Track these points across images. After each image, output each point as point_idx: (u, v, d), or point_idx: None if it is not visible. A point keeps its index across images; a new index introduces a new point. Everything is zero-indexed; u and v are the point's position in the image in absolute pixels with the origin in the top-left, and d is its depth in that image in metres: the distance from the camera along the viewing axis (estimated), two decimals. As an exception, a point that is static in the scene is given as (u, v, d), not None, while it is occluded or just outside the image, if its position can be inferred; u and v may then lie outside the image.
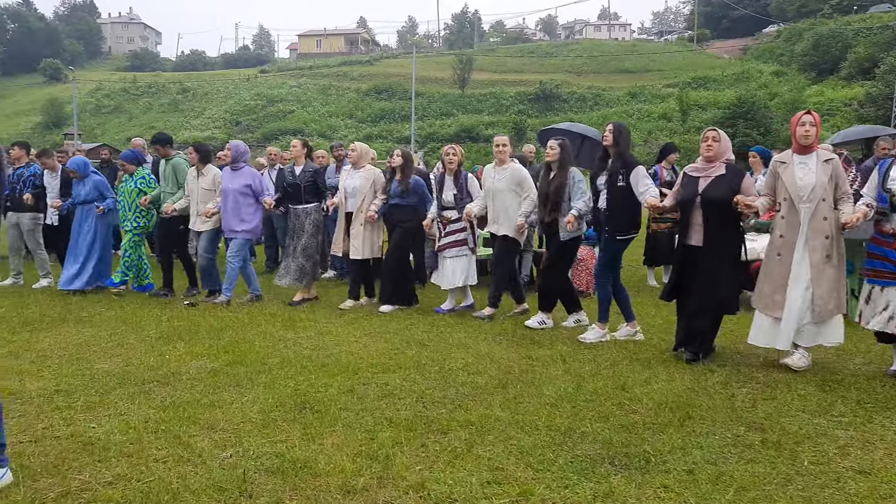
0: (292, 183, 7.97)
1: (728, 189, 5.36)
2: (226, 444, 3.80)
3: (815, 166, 5.16)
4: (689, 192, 5.53)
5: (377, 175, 7.84)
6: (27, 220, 9.14)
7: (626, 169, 6.01)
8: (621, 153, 6.09)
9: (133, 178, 8.52)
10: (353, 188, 7.75)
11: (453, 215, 7.47)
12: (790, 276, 5.18)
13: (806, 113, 5.27)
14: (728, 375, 5.07)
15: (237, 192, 7.80)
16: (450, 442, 3.84)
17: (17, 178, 9.17)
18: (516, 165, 7.24)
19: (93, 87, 67.71)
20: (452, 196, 7.48)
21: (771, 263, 5.36)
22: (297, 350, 5.80)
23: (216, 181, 8.03)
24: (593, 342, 6.10)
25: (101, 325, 6.78)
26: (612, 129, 6.16)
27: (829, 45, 52.05)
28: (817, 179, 5.11)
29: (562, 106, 54.47)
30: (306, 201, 7.95)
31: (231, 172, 7.93)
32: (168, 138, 8.67)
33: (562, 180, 6.62)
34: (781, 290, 5.23)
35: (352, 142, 8.86)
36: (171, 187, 8.34)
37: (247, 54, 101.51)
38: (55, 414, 4.29)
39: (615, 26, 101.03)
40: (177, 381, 4.96)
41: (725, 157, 5.55)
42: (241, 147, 8.14)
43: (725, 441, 3.86)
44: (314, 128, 53.45)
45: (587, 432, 3.97)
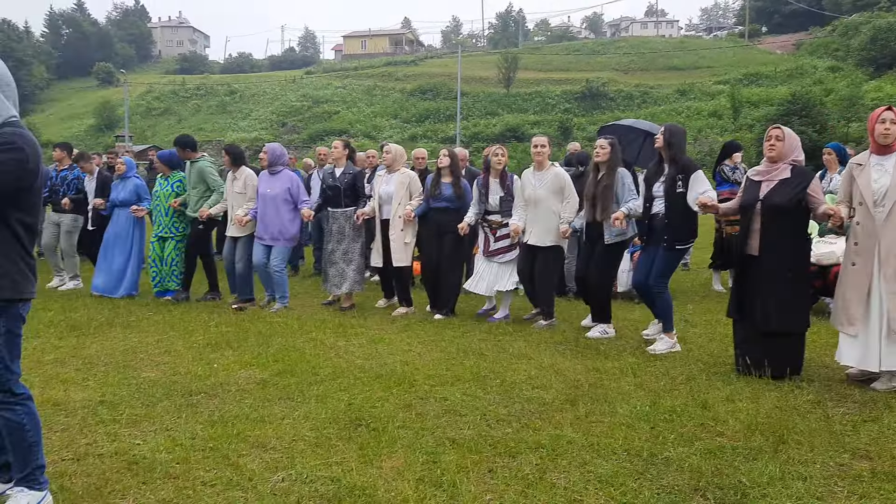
0: (332, 185, 7.70)
1: (791, 194, 4.92)
2: (277, 466, 3.52)
3: (892, 168, 4.70)
4: (750, 197, 5.11)
5: (413, 178, 7.48)
6: (68, 221, 9.09)
7: (684, 174, 5.66)
8: (676, 157, 5.74)
9: (169, 181, 8.32)
10: (388, 194, 7.39)
11: (501, 219, 7.13)
12: (868, 288, 4.73)
13: (887, 109, 4.77)
14: (819, 393, 4.62)
15: (277, 197, 7.54)
16: (519, 467, 3.50)
17: (61, 180, 9.14)
18: (557, 169, 6.88)
19: (143, 89, 69.03)
20: (499, 199, 7.10)
21: (847, 274, 4.89)
22: (350, 359, 5.52)
23: (248, 184, 7.78)
24: (664, 353, 5.72)
25: (149, 330, 6.61)
26: (663, 131, 5.85)
27: (889, 39, 50.11)
28: (892, 181, 4.66)
29: (609, 104, 53.60)
30: (346, 205, 7.66)
31: (269, 177, 7.66)
32: (191, 140, 8.34)
33: (610, 181, 6.33)
34: (860, 303, 4.76)
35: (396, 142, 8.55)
36: (200, 191, 8.09)
37: (292, 56, 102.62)
38: (99, 428, 4.07)
39: (662, 23, 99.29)
40: (225, 392, 4.72)
41: (792, 158, 5.08)
42: (277, 150, 7.81)
43: (829, 471, 3.44)
44: (359, 128, 53.54)
45: (671, 458, 3.58)
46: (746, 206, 5.16)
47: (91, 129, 61.43)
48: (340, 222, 7.68)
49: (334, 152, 7.79)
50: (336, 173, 7.73)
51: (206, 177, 8.05)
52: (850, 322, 4.79)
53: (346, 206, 7.66)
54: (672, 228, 5.74)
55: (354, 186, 7.67)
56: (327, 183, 7.75)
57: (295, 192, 7.63)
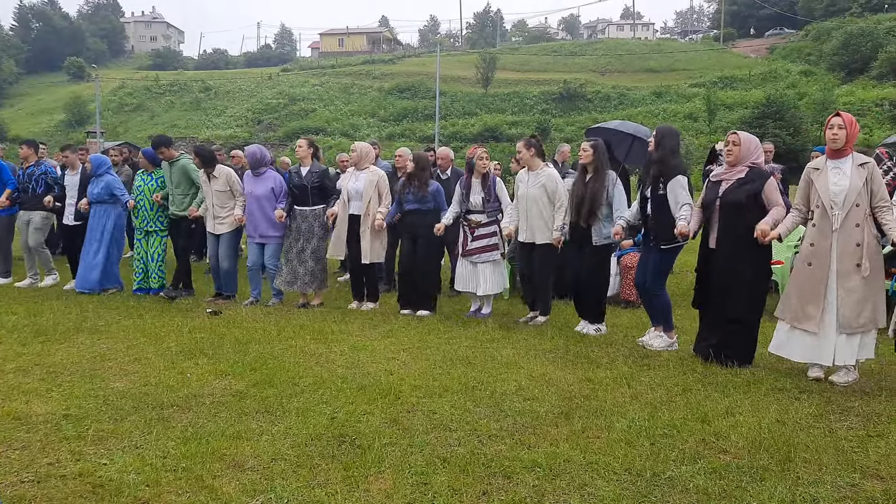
0: (299, 184, 7.63)
1: (745, 193, 5.24)
2: (255, 489, 3.27)
3: (849, 171, 4.88)
4: (710, 196, 5.44)
5: (381, 176, 7.49)
6: (38, 219, 8.87)
7: (665, 177, 5.73)
8: (663, 159, 5.78)
9: (153, 176, 8.23)
10: (357, 191, 7.40)
11: (482, 219, 7.14)
12: (824, 288, 4.91)
13: (835, 115, 4.95)
14: (820, 406, 4.46)
15: (262, 197, 7.62)
16: (515, 489, 3.29)
17: (28, 177, 8.88)
18: (551, 170, 6.88)
19: (116, 85, 67.86)
20: (480, 199, 7.12)
21: (801, 274, 5.07)
22: (331, 368, 5.27)
23: (231, 181, 7.73)
24: (662, 349, 5.79)
25: (118, 336, 6.30)
26: (656, 133, 5.94)
27: (860, 44, 50.78)
28: (851, 184, 4.84)
29: (586, 105, 53.67)
30: (313, 203, 7.61)
31: (253, 178, 7.68)
32: (168, 140, 8.24)
33: (599, 185, 6.30)
34: (814, 302, 4.96)
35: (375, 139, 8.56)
36: (185, 189, 7.98)
37: (269, 53, 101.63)
38: (63, 445, 3.79)
39: (638, 26, 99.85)
40: (199, 405, 4.44)
41: (750, 161, 5.36)
42: (256, 153, 7.78)
43: (841, 492, 3.27)
44: (336, 126, 53.07)
45: (675, 478, 3.39)
46: (707, 204, 5.46)
47: (61, 124, 60.24)
48: (309, 221, 7.64)
49: (299, 151, 7.74)
50: (302, 172, 7.67)
51: (190, 174, 7.94)
52: (807, 319, 4.98)
53: (313, 205, 7.62)
54: (658, 229, 5.80)
55: (322, 185, 7.63)
56: (294, 182, 7.69)
57: (279, 192, 7.67)
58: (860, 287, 4.83)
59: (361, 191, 7.35)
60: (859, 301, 4.83)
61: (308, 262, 7.60)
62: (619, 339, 6.34)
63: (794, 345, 5.09)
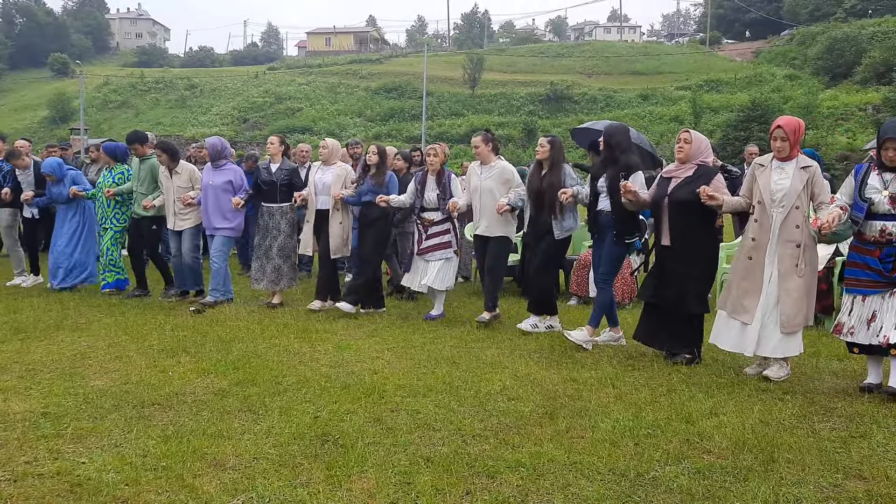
0: (267, 181, 7.62)
1: (693, 190, 5.30)
2: (237, 488, 3.24)
3: (792, 172, 5.01)
4: (660, 193, 5.56)
5: (349, 171, 7.56)
6: (6, 216, 8.81)
7: (627, 172, 5.82)
8: (620, 157, 5.92)
9: (112, 172, 8.14)
10: (325, 185, 7.40)
11: (436, 217, 7.11)
12: (761, 281, 5.05)
13: (776, 127, 5.06)
14: (803, 406, 4.47)
15: (218, 188, 7.54)
16: (499, 489, 3.27)
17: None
18: (504, 163, 6.92)
19: (100, 82, 67.30)
20: (435, 196, 7.08)
21: (740, 267, 5.22)
22: (315, 367, 5.23)
23: (193, 177, 7.74)
24: (580, 342, 5.87)
25: (99, 333, 6.23)
26: (605, 134, 6.11)
27: (844, 49, 51.22)
28: (791, 185, 4.97)
29: (573, 107, 53.78)
30: (281, 200, 7.60)
31: (213, 170, 7.65)
32: (144, 136, 8.18)
33: (555, 178, 6.43)
34: (751, 295, 5.10)
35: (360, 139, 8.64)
36: (148, 188, 7.91)
37: (255, 51, 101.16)
38: (41, 444, 3.74)
39: (625, 28, 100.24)
40: (180, 403, 4.40)
41: (700, 159, 5.50)
42: (217, 145, 7.74)
43: (824, 492, 3.27)
44: (323, 126, 52.86)
45: (659, 478, 3.38)
46: (656, 201, 5.58)
47: (45, 120, 59.68)
48: (276, 218, 7.61)
49: (270, 148, 7.75)
50: (272, 169, 7.65)
51: (155, 174, 7.87)
52: (744, 311, 5.10)
53: (281, 202, 7.61)
54: (619, 223, 5.92)
55: (291, 182, 7.61)
56: (263, 178, 7.67)
57: (238, 185, 7.64)
58: (799, 288, 4.96)
59: (329, 184, 7.36)
60: (797, 300, 4.96)
61: (274, 259, 7.57)
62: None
63: (728, 334, 5.23)
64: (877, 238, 4.71)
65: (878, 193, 4.67)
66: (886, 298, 4.67)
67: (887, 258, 4.65)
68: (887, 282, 4.64)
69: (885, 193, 4.65)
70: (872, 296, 4.71)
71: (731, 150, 33.92)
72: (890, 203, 4.64)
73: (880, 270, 4.65)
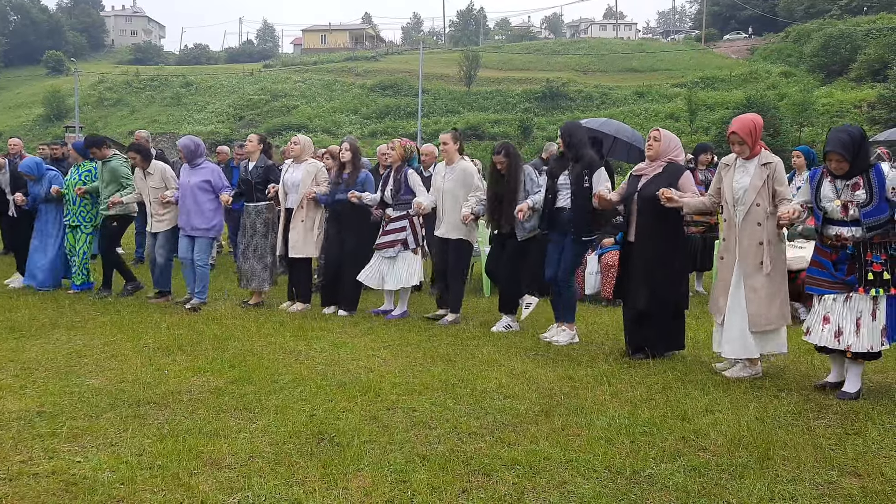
0: (244, 179, 7.62)
1: (665, 186, 5.34)
2: (233, 487, 3.23)
3: (753, 170, 5.07)
4: (630, 190, 5.64)
5: (319, 169, 7.46)
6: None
7: (589, 170, 5.93)
8: (579, 154, 6.00)
9: (78, 170, 8.16)
10: (295, 183, 7.32)
11: (392, 213, 7.08)
12: (732, 281, 5.12)
13: (731, 132, 5.12)
14: (798, 403, 4.48)
15: (196, 187, 7.47)
16: (495, 487, 3.27)
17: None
18: (466, 164, 6.91)
19: (95, 79, 67.06)
20: (390, 192, 7.08)
21: (717, 267, 5.44)
22: (311, 365, 5.23)
23: (166, 176, 7.76)
24: (565, 344, 5.96)
25: (95, 332, 6.22)
26: (561, 134, 6.16)
27: (839, 47, 51.35)
28: (751, 182, 5.03)
29: (568, 105, 53.79)
30: (257, 199, 7.55)
31: (189, 170, 7.59)
32: (100, 139, 8.20)
33: (514, 183, 6.46)
34: (724, 294, 5.17)
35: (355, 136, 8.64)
36: (113, 189, 7.92)
37: (250, 49, 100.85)
38: (36, 443, 3.73)
39: (621, 25, 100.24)
40: (176, 402, 4.39)
41: (669, 157, 5.58)
42: (190, 145, 7.66)
43: (819, 489, 3.28)
44: (318, 123, 52.79)
45: (654, 476, 3.39)
46: (626, 198, 5.66)
47: (40, 118, 59.45)
48: (252, 217, 7.59)
49: (248, 146, 7.72)
50: (249, 167, 7.64)
51: (118, 176, 7.89)
52: (718, 311, 5.20)
53: (257, 201, 7.57)
54: (578, 221, 5.98)
55: (267, 180, 7.52)
56: (241, 177, 7.67)
57: (217, 183, 7.57)
58: (765, 285, 4.99)
59: (298, 182, 7.28)
60: (766, 297, 4.99)
61: (250, 259, 7.55)
62: (599, 337, 6.35)
63: (715, 336, 5.30)
64: (832, 243, 4.74)
65: (831, 203, 4.71)
66: (842, 303, 4.66)
67: (841, 263, 4.70)
68: (841, 283, 4.67)
69: (836, 203, 4.68)
70: (827, 296, 4.72)
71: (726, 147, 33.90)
72: (843, 211, 4.67)
73: (832, 273, 4.71)
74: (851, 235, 4.63)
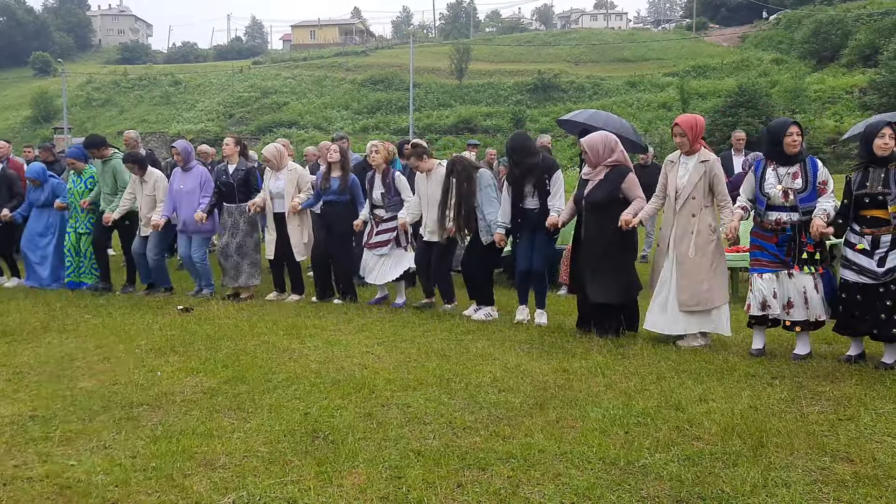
0: (225, 182, 7.88)
1: (608, 191, 5.84)
2: (227, 487, 3.23)
3: (692, 166, 5.56)
4: (579, 194, 6.03)
5: (301, 173, 7.83)
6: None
7: (548, 172, 6.37)
8: (530, 162, 6.36)
9: (82, 177, 8.32)
10: (279, 190, 7.67)
11: (383, 214, 7.38)
12: (666, 266, 5.66)
13: (675, 124, 5.63)
14: (791, 391, 4.50)
15: (188, 192, 7.88)
16: (490, 480, 3.27)
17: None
18: (442, 170, 7.05)
19: (83, 80, 66.65)
20: (380, 195, 7.38)
21: (657, 254, 5.85)
22: (305, 363, 5.22)
23: (158, 186, 8.05)
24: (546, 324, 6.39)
25: (87, 334, 6.20)
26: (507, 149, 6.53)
27: (829, 33, 51.29)
28: (689, 178, 5.53)
29: (560, 96, 53.66)
30: (239, 200, 7.85)
31: (182, 174, 7.99)
32: (101, 139, 8.39)
33: (469, 190, 6.72)
34: (662, 279, 5.70)
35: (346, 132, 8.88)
36: (111, 190, 8.11)
37: (239, 46, 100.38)
38: (29, 447, 3.72)
39: (611, 15, 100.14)
40: (170, 403, 4.38)
41: (610, 161, 5.91)
42: (188, 147, 8.16)
43: (812, 476, 3.30)
44: (310, 119, 52.62)
45: (649, 466, 3.40)
46: (576, 202, 6.06)
47: (28, 120, 59.10)
48: (235, 217, 7.83)
49: (226, 149, 8.00)
50: (229, 170, 7.90)
51: (116, 175, 8.07)
52: (658, 294, 5.70)
53: (239, 202, 7.84)
54: (545, 219, 6.29)
55: (247, 182, 7.86)
56: (221, 179, 7.91)
57: (204, 187, 7.95)
58: (693, 271, 5.48)
59: (283, 189, 7.59)
60: (693, 283, 5.48)
61: (233, 256, 7.78)
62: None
63: (653, 316, 5.74)
64: (773, 227, 5.26)
65: (774, 188, 5.24)
66: (784, 279, 5.21)
67: (783, 243, 5.22)
68: (781, 263, 5.22)
69: (778, 188, 5.22)
70: (770, 274, 5.24)
71: (719, 135, 33.97)
72: (783, 196, 5.20)
73: (776, 254, 5.24)
74: (790, 219, 5.18)
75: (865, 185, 4.96)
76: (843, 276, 5.10)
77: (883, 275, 4.87)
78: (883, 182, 4.89)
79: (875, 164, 4.96)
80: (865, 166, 5.03)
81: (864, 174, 5.01)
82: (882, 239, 4.90)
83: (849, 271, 5.04)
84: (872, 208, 4.95)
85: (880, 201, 4.90)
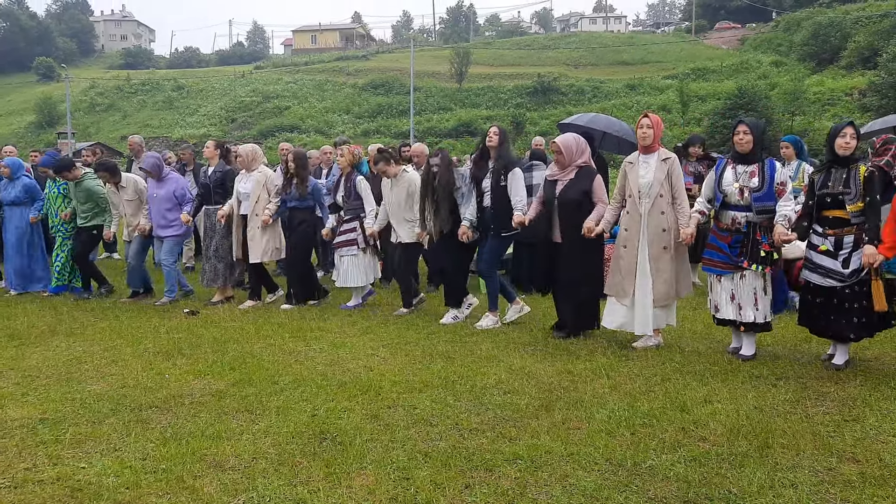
0: (203, 183, 7.99)
1: (578, 191, 5.89)
2: (237, 489, 3.26)
3: (654, 165, 5.57)
4: (549, 195, 6.04)
5: (269, 177, 7.80)
6: None
7: (506, 170, 6.35)
8: (502, 155, 6.41)
9: (56, 183, 8.35)
10: (246, 192, 7.69)
11: (344, 216, 7.55)
12: (637, 266, 5.61)
13: (644, 116, 5.67)
14: (796, 392, 4.52)
15: (161, 199, 7.88)
16: (497, 482, 3.30)
17: None
18: (410, 175, 7.24)
19: (86, 85, 66.87)
20: (341, 198, 7.56)
21: (619, 255, 5.79)
22: (311, 366, 5.25)
23: (138, 189, 8.07)
24: (490, 328, 6.39)
25: (94, 338, 6.23)
26: (497, 132, 6.54)
27: (829, 35, 51.38)
28: (654, 176, 5.54)
29: (560, 99, 53.77)
30: (216, 202, 7.88)
31: (156, 183, 7.96)
32: (67, 162, 8.35)
33: (448, 189, 6.71)
34: (629, 278, 5.66)
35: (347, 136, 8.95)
36: (90, 206, 8.16)
37: (241, 51, 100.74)
38: (39, 450, 3.74)
39: (610, 18, 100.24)
40: (178, 405, 4.41)
41: (578, 163, 5.97)
42: (156, 162, 7.98)
43: (818, 476, 3.32)
44: (311, 123, 52.73)
45: (656, 467, 3.42)
46: (547, 202, 6.06)
47: (32, 125, 59.31)
48: (212, 219, 7.89)
49: (206, 152, 8.06)
50: (208, 172, 8.01)
51: (94, 196, 8.10)
52: (624, 294, 5.70)
53: (215, 203, 7.88)
54: (498, 218, 6.36)
55: (224, 184, 7.88)
56: (200, 182, 8.05)
57: (179, 195, 7.93)
58: (669, 267, 5.56)
59: (250, 191, 7.62)
60: (668, 279, 5.57)
61: (211, 258, 7.85)
62: (597, 331, 6.36)
63: (614, 315, 5.81)
64: (728, 226, 5.32)
65: (731, 186, 5.28)
66: (738, 280, 5.27)
67: (735, 244, 5.28)
68: (734, 265, 5.26)
69: (735, 186, 5.26)
70: (725, 276, 5.32)
71: (719, 137, 34.02)
72: (739, 195, 5.24)
73: (728, 255, 5.29)
74: (744, 217, 5.22)
75: (827, 185, 5.01)
76: (807, 278, 5.13)
77: (849, 276, 4.90)
78: (844, 182, 4.93)
79: (837, 164, 5.01)
80: (828, 167, 5.07)
81: (827, 174, 5.05)
82: (845, 240, 4.94)
83: (814, 275, 5.06)
84: (834, 208, 4.99)
85: (840, 201, 4.94)
